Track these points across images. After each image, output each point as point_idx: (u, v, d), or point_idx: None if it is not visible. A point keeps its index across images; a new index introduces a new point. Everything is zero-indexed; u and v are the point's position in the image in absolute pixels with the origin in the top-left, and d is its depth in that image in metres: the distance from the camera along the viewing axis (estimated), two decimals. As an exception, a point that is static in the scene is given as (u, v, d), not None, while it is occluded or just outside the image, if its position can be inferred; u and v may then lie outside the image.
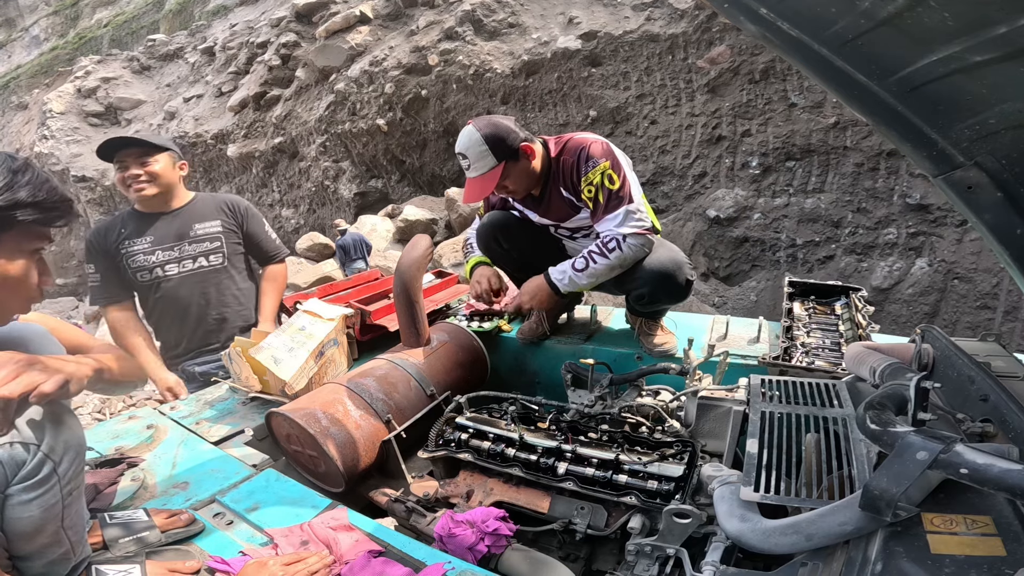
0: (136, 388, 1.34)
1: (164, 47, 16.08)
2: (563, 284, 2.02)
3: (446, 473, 1.69)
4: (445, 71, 9.65)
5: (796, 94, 7.59)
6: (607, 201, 1.93)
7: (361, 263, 8.97)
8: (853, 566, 0.82)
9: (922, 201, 6.97)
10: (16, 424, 0.91)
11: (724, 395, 1.68)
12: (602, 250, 1.93)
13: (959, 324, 6.57)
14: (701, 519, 1.25)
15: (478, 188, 1.99)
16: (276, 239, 2.58)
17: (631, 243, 1.92)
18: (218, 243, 2.37)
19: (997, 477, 0.73)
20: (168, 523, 1.26)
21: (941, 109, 0.80)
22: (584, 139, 2.02)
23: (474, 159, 1.94)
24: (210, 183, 13.37)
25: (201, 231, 2.35)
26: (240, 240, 2.46)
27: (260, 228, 2.53)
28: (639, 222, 1.93)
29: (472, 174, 1.98)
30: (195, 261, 2.34)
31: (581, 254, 1.98)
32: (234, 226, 2.44)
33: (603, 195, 1.93)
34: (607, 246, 1.92)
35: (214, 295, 2.39)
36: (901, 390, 1.00)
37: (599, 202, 1.94)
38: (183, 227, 2.33)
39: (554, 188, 2.08)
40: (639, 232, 1.92)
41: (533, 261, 2.19)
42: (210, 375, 2.37)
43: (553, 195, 2.09)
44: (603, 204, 1.94)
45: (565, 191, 2.06)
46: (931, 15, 0.65)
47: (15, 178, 0.95)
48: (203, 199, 2.44)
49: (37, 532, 0.95)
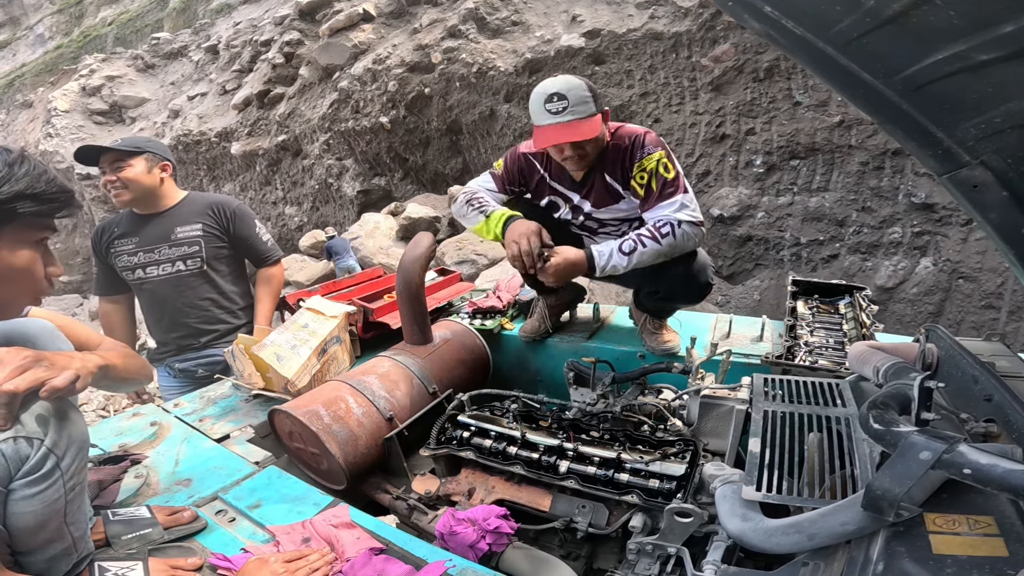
0: (141, 385, 1.34)
1: (168, 45, 16.11)
2: (601, 263, 1.90)
3: (448, 471, 1.70)
4: (448, 69, 9.63)
5: (801, 92, 7.56)
6: (661, 188, 1.89)
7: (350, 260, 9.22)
8: (855, 566, 0.82)
9: (927, 200, 6.94)
10: (20, 419, 0.91)
11: (727, 394, 1.68)
12: (654, 234, 1.86)
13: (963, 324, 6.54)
14: (702, 518, 1.25)
15: (570, 132, 1.82)
16: (269, 241, 2.53)
17: (686, 231, 1.87)
18: (196, 247, 2.34)
19: (1000, 477, 0.72)
20: (171, 520, 1.26)
21: (947, 108, 0.79)
22: (636, 128, 1.97)
23: (574, 101, 1.81)
24: (214, 181, 13.39)
25: (181, 235, 2.33)
26: (225, 243, 2.41)
27: (250, 230, 2.46)
28: (694, 212, 1.89)
29: (566, 117, 1.82)
30: (173, 265, 2.33)
31: (629, 236, 1.89)
32: (217, 230, 2.38)
33: (657, 183, 1.89)
34: (660, 231, 1.86)
35: (191, 299, 2.38)
36: (905, 390, 0.99)
37: (652, 189, 1.90)
38: (166, 230, 2.33)
39: (599, 173, 2.01)
40: (694, 222, 1.88)
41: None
42: (191, 372, 2.45)
43: (597, 180, 2.02)
44: (656, 192, 1.90)
45: (610, 177, 1.99)
46: (937, 13, 0.65)
47: (11, 171, 0.95)
48: (192, 200, 2.41)
49: (39, 528, 0.95)
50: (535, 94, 1.86)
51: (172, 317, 2.40)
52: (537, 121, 1.87)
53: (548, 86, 1.84)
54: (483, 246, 8.12)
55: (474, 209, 2.06)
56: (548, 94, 1.81)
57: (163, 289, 2.36)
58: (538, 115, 1.86)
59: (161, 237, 2.32)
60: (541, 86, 1.87)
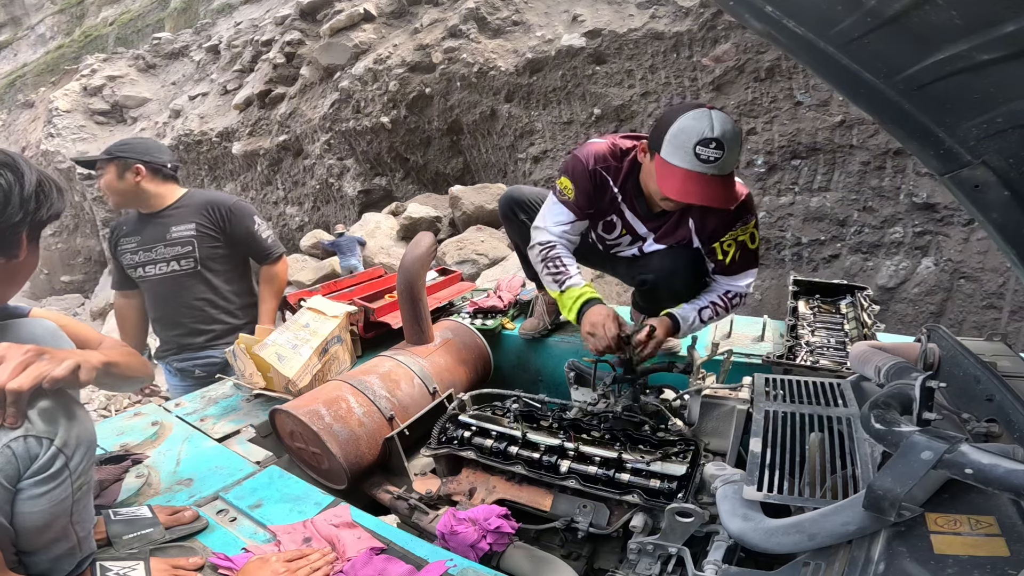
0: (143, 384, 1.35)
1: (169, 45, 16.12)
2: (684, 329, 1.83)
3: (449, 471, 1.70)
4: (449, 69, 9.63)
5: (802, 92, 7.55)
6: (744, 262, 1.84)
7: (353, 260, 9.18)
8: (856, 566, 0.82)
9: (928, 200, 6.93)
10: (30, 417, 0.92)
11: (728, 394, 1.68)
12: (727, 304, 1.86)
13: (965, 324, 6.53)
14: (703, 518, 1.25)
15: (723, 193, 1.59)
16: (270, 237, 2.49)
17: (747, 298, 1.90)
18: (189, 247, 2.33)
19: (1002, 477, 0.72)
20: (172, 520, 1.26)
21: (948, 107, 0.79)
22: (740, 185, 1.74)
23: (730, 154, 1.54)
24: (215, 181, 13.40)
25: (176, 234, 2.33)
26: (220, 243, 2.39)
27: (249, 228, 2.42)
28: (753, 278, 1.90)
29: (718, 171, 1.55)
30: (168, 264, 2.34)
31: (706, 305, 1.84)
32: (212, 229, 2.36)
33: (742, 255, 1.82)
34: (731, 301, 1.86)
35: (187, 299, 2.38)
36: (906, 390, 0.99)
37: (735, 261, 1.82)
38: (162, 230, 2.33)
39: (684, 216, 1.82)
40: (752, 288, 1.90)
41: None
42: (188, 372, 2.46)
43: (679, 220, 1.83)
44: (739, 263, 1.84)
45: (696, 226, 1.81)
46: (938, 13, 0.65)
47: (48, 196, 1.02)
48: (190, 199, 2.39)
49: (46, 527, 0.95)
50: (683, 127, 1.54)
51: (170, 316, 2.41)
52: (674, 160, 1.56)
53: (704, 126, 1.52)
54: (484, 246, 8.12)
55: (549, 274, 1.85)
56: (704, 137, 1.51)
57: (160, 288, 2.37)
58: (679, 153, 1.55)
59: (158, 237, 2.33)
60: (696, 120, 1.54)
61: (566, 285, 1.82)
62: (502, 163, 10.16)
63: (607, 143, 1.84)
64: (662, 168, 1.59)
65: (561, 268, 1.83)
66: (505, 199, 2.18)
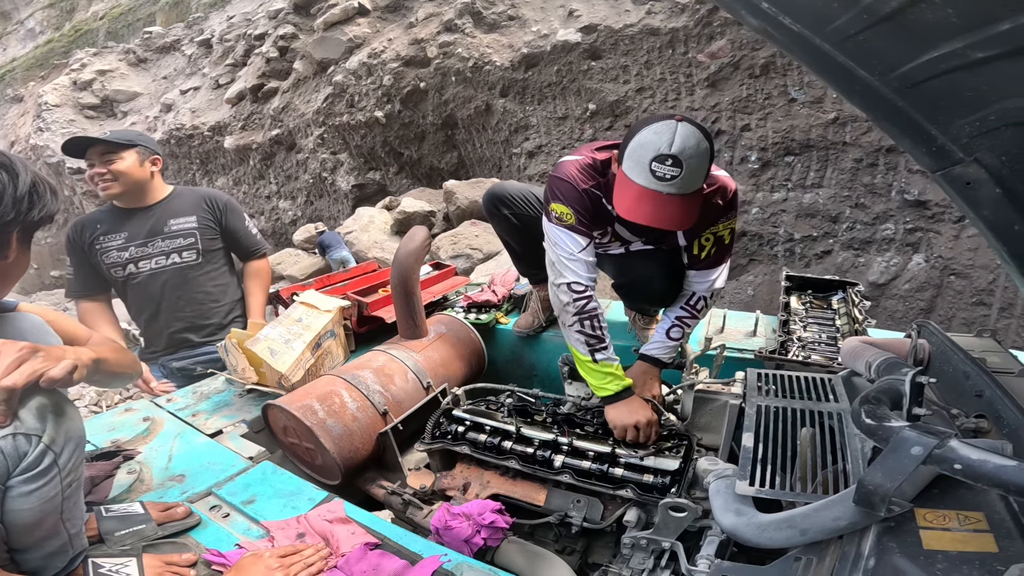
0: (132, 380, 1.34)
1: (161, 39, 15.94)
2: (664, 361, 1.86)
3: (443, 465, 1.70)
4: (444, 63, 9.58)
5: (796, 89, 7.56)
6: (718, 255, 1.82)
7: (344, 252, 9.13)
8: (846, 561, 0.82)
9: (920, 197, 6.96)
10: (19, 414, 0.91)
11: (720, 389, 1.69)
12: (693, 313, 1.84)
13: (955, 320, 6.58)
14: (696, 513, 1.26)
15: (666, 213, 1.48)
16: (257, 234, 2.54)
17: (715, 298, 1.88)
18: (192, 239, 2.33)
19: (991, 473, 0.73)
20: (164, 516, 1.26)
21: (941, 105, 0.79)
22: (727, 180, 1.73)
23: (688, 174, 1.43)
24: (207, 175, 13.29)
25: (176, 227, 2.32)
26: (218, 235, 2.42)
27: (240, 223, 2.47)
28: (724, 273, 1.85)
29: (677, 190, 1.44)
30: (168, 257, 2.32)
31: (672, 323, 1.84)
32: (212, 221, 2.39)
33: (717, 249, 1.80)
34: (695, 307, 1.84)
35: (188, 292, 2.37)
36: (896, 385, 1.00)
37: (710, 255, 1.81)
38: (158, 223, 2.31)
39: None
40: (721, 286, 1.86)
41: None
42: (189, 371, 2.38)
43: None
44: (712, 257, 1.81)
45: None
46: (933, 11, 0.65)
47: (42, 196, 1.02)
48: (181, 193, 2.41)
49: (36, 524, 0.95)
50: (643, 141, 1.46)
51: (168, 312, 2.37)
52: (632, 175, 1.48)
53: (662, 141, 1.42)
54: (478, 240, 8.10)
55: (581, 333, 1.71)
56: (660, 153, 1.42)
57: (156, 283, 2.33)
58: (636, 169, 1.46)
59: (154, 231, 2.30)
60: (654, 135, 1.44)
61: (602, 358, 1.70)
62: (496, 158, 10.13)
63: (586, 159, 1.75)
64: (620, 183, 1.53)
65: (597, 333, 1.70)
66: (488, 196, 2.17)
